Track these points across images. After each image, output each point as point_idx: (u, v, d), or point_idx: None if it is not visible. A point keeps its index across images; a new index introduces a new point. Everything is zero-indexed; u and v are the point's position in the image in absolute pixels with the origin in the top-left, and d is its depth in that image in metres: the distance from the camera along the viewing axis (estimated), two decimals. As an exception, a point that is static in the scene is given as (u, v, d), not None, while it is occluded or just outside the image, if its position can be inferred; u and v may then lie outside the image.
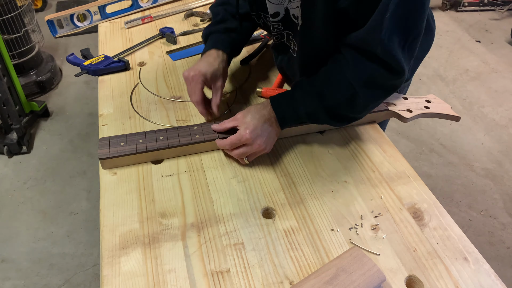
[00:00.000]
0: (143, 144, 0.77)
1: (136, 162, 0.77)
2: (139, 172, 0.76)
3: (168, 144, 0.77)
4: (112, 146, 0.76)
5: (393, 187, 0.74)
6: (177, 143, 0.77)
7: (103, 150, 0.76)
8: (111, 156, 0.75)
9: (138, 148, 0.76)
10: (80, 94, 2.51)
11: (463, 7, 3.37)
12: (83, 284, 1.57)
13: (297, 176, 0.76)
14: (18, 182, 1.95)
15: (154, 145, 0.77)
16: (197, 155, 0.80)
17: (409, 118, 0.86)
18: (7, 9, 2.11)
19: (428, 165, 2.07)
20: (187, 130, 0.80)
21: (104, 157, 0.75)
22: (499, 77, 2.66)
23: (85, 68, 1.02)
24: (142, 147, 0.76)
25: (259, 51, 1.10)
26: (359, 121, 0.86)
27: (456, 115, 0.88)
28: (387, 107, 0.87)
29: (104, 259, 0.63)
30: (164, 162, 0.78)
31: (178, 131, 0.79)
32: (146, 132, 0.79)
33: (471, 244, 0.65)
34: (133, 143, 0.77)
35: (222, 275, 0.60)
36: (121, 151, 0.75)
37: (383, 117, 0.89)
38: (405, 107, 0.88)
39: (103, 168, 0.76)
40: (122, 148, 0.76)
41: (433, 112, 0.88)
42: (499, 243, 1.72)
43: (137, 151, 0.76)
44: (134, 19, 1.23)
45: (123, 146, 0.76)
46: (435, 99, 0.92)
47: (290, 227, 0.67)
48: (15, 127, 2.03)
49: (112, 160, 0.76)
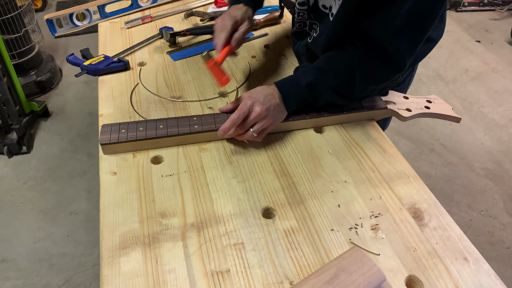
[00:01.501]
0: (143, 132, 0.79)
1: (135, 149, 0.80)
2: (139, 172, 0.76)
3: (167, 133, 0.79)
4: (113, 132, 0.79)
5: (393, 187, 0.74)
6: (176, 132, 0.79)
7: (105, 136, 0.78)
8: (111, 141, 0.78)
9: (138, 135, 0.79)
10: (80, 94, 2.51)
11: (463, 7, 3.37)
12: (83, 284, 1.57)
13: (297, 176, 0.76)
14: (18, 182, 1.95)
15: (153, 133, 0.79)
16: (197, 154, 0.80)
17: (408, 117, 0.86)
18: (7, 9, 2.11)
19: (428, 165, 2.07)
20: (187, 120, 0.82)
21: (105, 142, 0.78)
22: (499, 77, 2.66)
23: (85, 68, 1.02)
24: (142, 134, 0.79)
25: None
26: (358, 117, 0.88)
27: (456, 116, 0.88)
28: (385, 105, 0.87)
29: (104, 259, 0.63)
30: (164, 162, 0.78)
31: (177, 121, 0.82)
32: (147, 120, 0.82)
33: (471, 244, 0.65)
34: (134, 131, 0.79)
35: (222, 275, 0.60)
36: (121, 138, 0.78)
37: (382, 115, 0.89)
38: (404, 106, 0.88)
39: (104, 153, 0.79)
40: (123, 135, 0.79)
41: (433, 113, 0.88)
42: (499, 243, 1.72)
43: (137, 138, 0.78)
44: (134, 19, 1.23)
45: (124, 133, 0.79)
46: (437, 100, 0.91)
47: (290, 227, 0.67)
48: (15, 127, 2.03)
49: (113, 146, 0.78)
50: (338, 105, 0.85)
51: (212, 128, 0.80)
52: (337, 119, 0.87)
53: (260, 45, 1.14)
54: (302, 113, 0.84)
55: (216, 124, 0.81)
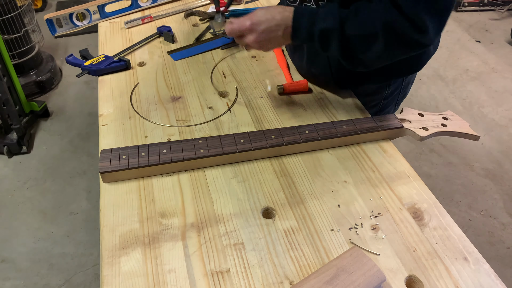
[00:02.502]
0: (145, 157, 0.74)
1: (137, 176, 0.75)
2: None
3: (171, 159, 0.74)
4: (113, 159, 0.74)
5: (393, 187, 0.74)
6: (181, 158, 0.75)
7: (104, 163, 0.73)
8: (112, 169, 0.72)
9: (140, 162, 0.74)
10: (80, 94, 2.51)
11: (463, 7, 3.37)
12: (83, 284, 1.57)
13: (297, 176, 0.76)
14: (18, 182, 1.95)
15: (156, 159, 0.74)
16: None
17: (425, 137, 0.81)
18: (7, 9, 2.11)
19: (428, 165, 2.07)
20: (191, 143, 0.77)
21: (104, 170, 0.72)
22: (499, 77, 2.66)
23: (86, 68, 1.02)
24: (144, 161, 0.74)
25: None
26: (372, 138, 0.83)
27: (475, 134, 0.82)
28: (401, 124, 0.83)
29: (104, 259, 0.63)
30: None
31: (182, 144, 0.77)
32: (149, 145, 0.77)
33: (471, 244, 0.65)
34: (135, 157, 0.74)
35: (222, 275, 0.60)
36: (122, 165, 0.73)
37: (397, 134, 0.84)
38: (420, 125, 0.83)
39: (103, 181, 0.74)
40: (124, 162, 0.73)
41: (450, 131, 0.83)
42: (499, 243, 1.72)
43: (139, 165, 0.73)
44: (134, 19, 1.23)
45: (125, 160, 0.74)
46: (453, 116, 0.86)
47: (290, 227, 0.67)
48: (15, 127, 2.03)
49: (113, 174, 0.73)
50: (351, 126, 0.82)
51: (219, 152, 0.76)
52: (349, 140, 0.82)
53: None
54: (314, 131, 0.80)
55: (223, 147, 0.76)
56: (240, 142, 0.78)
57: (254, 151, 0.77)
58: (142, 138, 0.84)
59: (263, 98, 0.94)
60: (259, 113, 0.90)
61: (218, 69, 1.05)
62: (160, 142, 0.78)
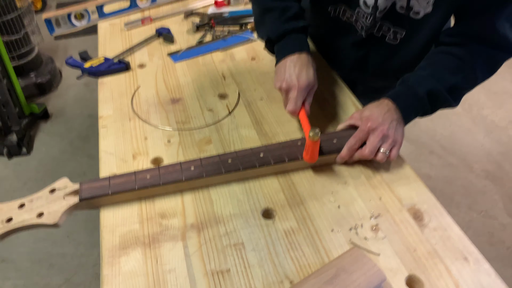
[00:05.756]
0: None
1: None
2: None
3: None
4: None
5: (393, 188, 0.74)
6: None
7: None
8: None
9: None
10: (79, 96, 2.51)
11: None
12: (83, 284, 1.57)
13: (296, 176, 0.76)
14: (18, 184, 1.95)
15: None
16: (197, 155, 0.80)
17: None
18: (6, 10, 2.11)
19: (428, 166, 2.07)
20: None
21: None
22: (499, 79, 2.66)
23: (86, 70, 1.02)
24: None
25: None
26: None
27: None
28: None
29: (104, 259, 0.63)
30: (164, 163, 0.78)
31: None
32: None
33: (471, 244, 0.65)
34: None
35: (222, 274, 0.61)
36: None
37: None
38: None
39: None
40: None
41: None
42: (499, 243, 1.72)
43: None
44: (133, 21, 1.23)
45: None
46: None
47: (290, 227, 0.67)
48: (15, 129, 2.04)
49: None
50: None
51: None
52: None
53: (259, 47, 1.14)
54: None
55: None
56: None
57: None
58: (142, 140, 0.84)
59: (262, 100, 0.94)
60: (259, 115, 0.90)
61: (217, 71, 1.05)
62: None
